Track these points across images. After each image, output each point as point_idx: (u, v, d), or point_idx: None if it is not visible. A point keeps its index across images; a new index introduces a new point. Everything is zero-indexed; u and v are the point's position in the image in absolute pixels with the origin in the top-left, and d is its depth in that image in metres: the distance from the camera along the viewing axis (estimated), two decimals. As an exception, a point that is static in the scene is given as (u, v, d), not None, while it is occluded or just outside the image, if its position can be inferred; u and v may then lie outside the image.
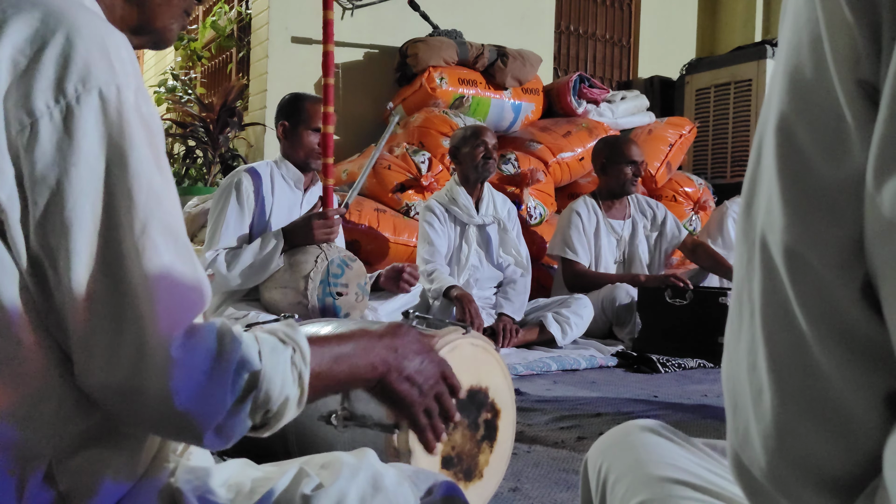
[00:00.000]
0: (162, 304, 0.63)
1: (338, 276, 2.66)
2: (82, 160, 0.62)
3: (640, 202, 4.13)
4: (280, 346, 0.70)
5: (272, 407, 0.69)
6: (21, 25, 0.63)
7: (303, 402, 0.72)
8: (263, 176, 2.82)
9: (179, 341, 0.64)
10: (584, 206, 3.97)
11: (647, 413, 2.36)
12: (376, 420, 1.25)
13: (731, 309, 0.47)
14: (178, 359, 0.63)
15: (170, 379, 0.63)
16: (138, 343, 0.62)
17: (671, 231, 4.05)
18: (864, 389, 0.40)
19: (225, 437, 0.68)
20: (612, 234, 4.01)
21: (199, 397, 0.64)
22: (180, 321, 0.65)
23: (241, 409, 0.67)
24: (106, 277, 0.62)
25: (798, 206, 0.41)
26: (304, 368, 0.71)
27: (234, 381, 0.66)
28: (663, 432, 0.79)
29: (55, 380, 0.66)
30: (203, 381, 0.64)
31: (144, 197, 0.64)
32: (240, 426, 0.68)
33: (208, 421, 0.66)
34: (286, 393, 0.69)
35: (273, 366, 0.68)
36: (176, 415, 0.64)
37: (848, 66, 0.39)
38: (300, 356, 0.71)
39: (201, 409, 0.65)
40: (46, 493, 0.67)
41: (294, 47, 4.69)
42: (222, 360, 0.65)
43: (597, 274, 3.90)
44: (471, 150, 3.48)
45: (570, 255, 3.86)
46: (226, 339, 0.67)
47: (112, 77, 0.64)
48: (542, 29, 5.77)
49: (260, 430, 0.71)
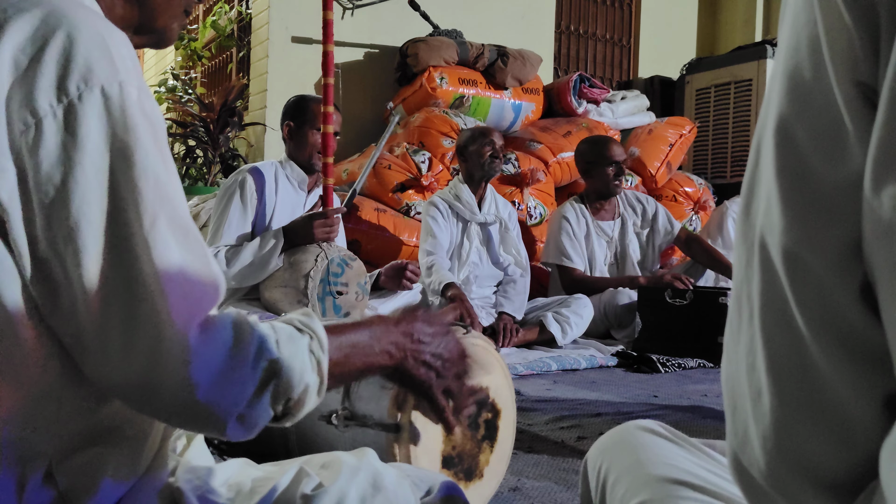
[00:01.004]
0: (175, 298, 0.63)
1: (338, 276, 2.66)
2: (87, 158, 0.62)
3: (629, 198, 4.09)
4: (297, 335, 0.70)
5: (293, 395, 0.69)
6: (22, 25, 0.63)
7: (322, 390, 0.72)
8: (267, 176, 2.82)
9: (195, 334, 0.64)
10: (571, 211, 3.94)
11: (646, 413, 2.36)
12: (377, 420, 1.25)
13: (731, 310, 0.47)
14: (196, 351, 0.63)
15: (189, 371, 0.63)
16: (154, 338, 0.62)
17: (663, 226, 4.02)
18: (862, 391, 0.40)
19: (248, 427, 0.68)
20: (602, 236, 3.98)
21: (219, 388, 0.65)
22: (195, 314, 0.65)
23: (261, 398, 0.67)
24: (117, 274, 0.62)
25: (797, 208, 0.41)
26: (322, 356, 0.71)
27: (253, 370, 0.66)
28: (663, 432, 0.79)
29: (56, 380, 0.66)
30: (222, 372, 0.65)
31: (151, 192, 0.64)
32: (262, 415, 0.68)
33: (230, 411, 0.66)
34: (306, 381, 0.70)
35: (291, 354, 0.68)
36: (197, 406, 0.65)
37: (846, 68, 0.39)
38: (318, 344, 0.71)
39: (222, 400, 0.65)
40: (46, 492, 0.67)
41: (294, 47, 4.69)
42: (240, 349, 0.66)
43: (596, 279, 3.88)
44: (478, 148, 3.50)
45: (566, 262, 3.85)
46: (242, 329, 0.67)
47: (114, 74, 0.64)
48: (543, 29, 5.77)
49: (282, 419, 0.71)
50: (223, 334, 0.66)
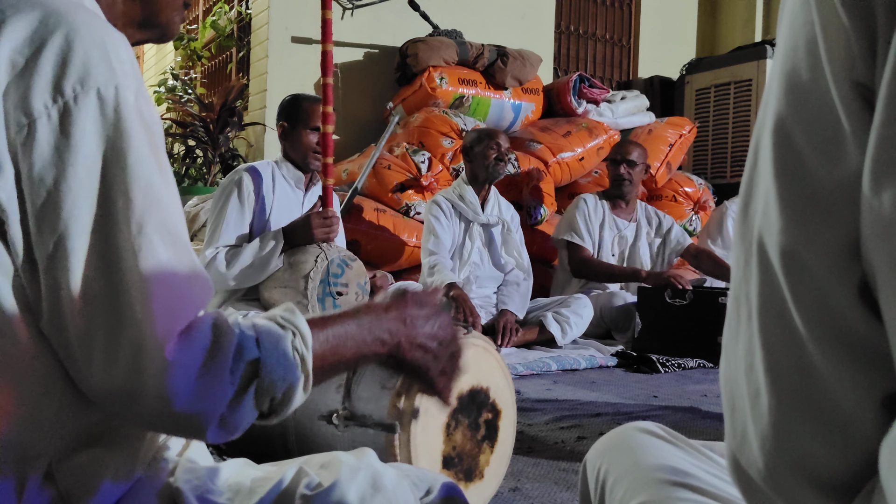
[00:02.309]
0: (159, 305, 0.63)
1: (338, 276, 2.66)
2: (80, 160, 0.62)
3: (648, 211, 4.20)
4: (279, 332, 0.70)
5: (276, 394, 0.69)
6: (20, 25, 0.63)
7: (308, 386, 0.72)
8: (264, 175, 2.82)
9: (174, 343, 0.63)
10: (591, 197, 4.06)
11: (646, 413, 2.36)
12: (376, 420, 1.25)
13: (729, 310, 0.47)
14: (174, 360, 0.63)
15: (167, 382, 0.63)
16: (135, 345, 0.62)
17: (675, 238, 4.11)
18: (860, 391, 0.40)
19: (230, 429, 0.68)
20: (614, 228, 4.06)
21: (198, 396, 0.64)
22: (176, 323, 0.64)
23: (243, 400, 0.67)
24: (103, 278, 0.62)
25: (795, 208, 0.41)
26: (305, 352, 0.71)
27: (233, 372, 0.66)
28: (662, 434, 0.79)
29: (55, 380, 0.66)
30: (200, 379, 0.64)
31: (142, 197, 0.64)
32: (245, 417, 0.68)
33: (210, 417, 0.65)
34: (289, 379, 0.69)
35: (273, 353, 0.68)
36: (176, 415, 0.64)
37: (843, 68, 0.39)
38: (300, 340, 0.71)
39: (201, 408, 0.65)
40: (46, 492, 0.67)
41: (294, 47, 4.69)
42: (218, 353, 0.65)
43: (601, 262, 3.93)
44: (483, 149, 3.51)
45: (575, 239, 3.91)
46: (221, 331, 0.66)
47: (111, 77, 0.64)
48: (543, 29, 5.77)
49: (268, 417, 0.71)
50: (201, 338, 0.65)
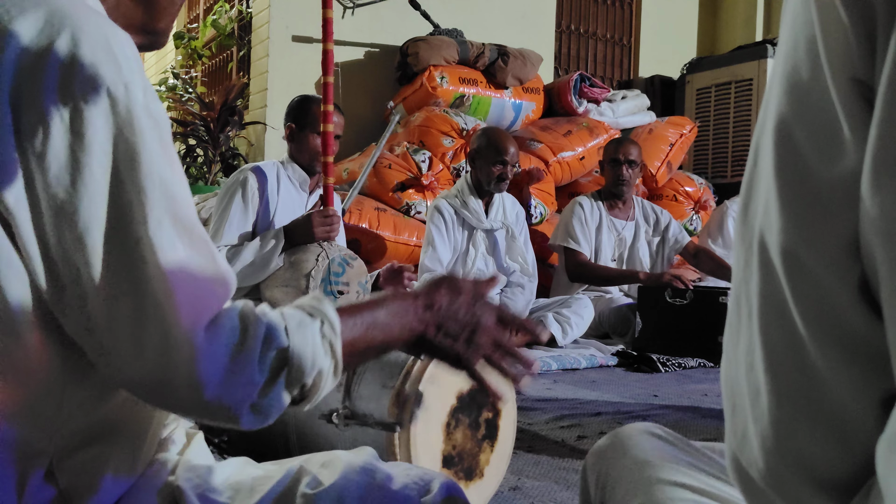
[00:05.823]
0: (182, 297, 0.64)
1: (339, 275, 2.66)
2: (94, 160, 0.62)
3: (645, 207, 4.16)
4: (307, 320, 0.70)
5: (307, 381, 0.69)
6: (26, 26, 0.63)
7: (338, 372, 0.72)
8: (269, 175, 2.82)
9: (202, 333, 0.64)
10: (587, 201, 4.02)
11: (647, 412, 2.36)
12: (377, 419, 1.26)
13: (730, 310, 0.48)
14: (202, 350, 0.64)
15: (196, 371, 0.63)
16: (162, 337, 0.63)
17: (674, 235, 4.08)
18: (860, 390, 0.40)
19: (263, 416, 0.68)
20: (612, 230, 4.03)
21: (227, 384, 0.65)
22: (202, 313, 0.65)
23: (274, 387, 0.67)
24: (124, 274, 0.63)
25: (795, 207, 0.41)
26: (334, 339, 0.71)
27: (262, 360, 0.66)
28: (662, 435, 0.79)
29: (57, 378, 0.66)
30: (229, 368, 0.65)
31: (157, 192, 0.64)
32: (276, 403, 0.68)
33: (241, 404, 0.66)
34: (319, 365, 0.70)
35: (301, 340, 0.69)
36: (208, 404, 0.65)
37: (842, 65, 0.39)
38: (329, 327, 0.71)
39: (231, 395, 0.66)
40: (47, 490, 0.67)
41: (295, 46, 4.69)
42: (246, 342, 0.66)
43: (598, 266, 3.92)
44: (488, 164, 3.46)
45: (572, 244, 3.89)
46: (249, 320, 0.67)
47: (119, 76, 0.64)
48: (543, 28, 5.77)
49: (300, 403, 0.72)
50: (229, 330, 0.66)
